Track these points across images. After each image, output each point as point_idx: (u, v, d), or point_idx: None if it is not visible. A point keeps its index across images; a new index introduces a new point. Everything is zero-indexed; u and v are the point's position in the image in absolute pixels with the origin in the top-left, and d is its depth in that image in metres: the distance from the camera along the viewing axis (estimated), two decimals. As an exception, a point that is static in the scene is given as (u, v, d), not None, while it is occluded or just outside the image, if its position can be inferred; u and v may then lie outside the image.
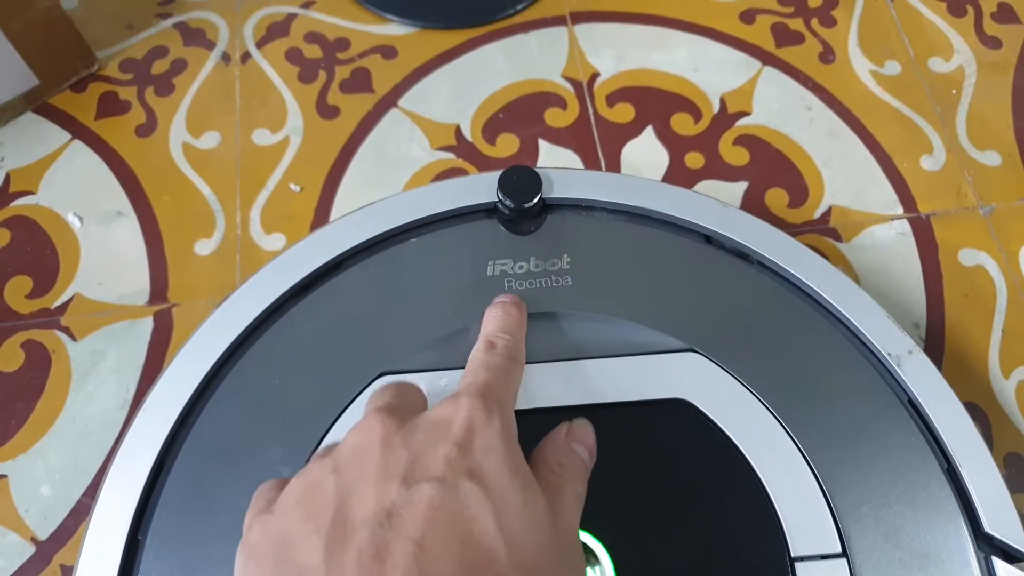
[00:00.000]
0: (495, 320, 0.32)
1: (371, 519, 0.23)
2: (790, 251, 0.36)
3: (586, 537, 0.30)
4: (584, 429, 0.31)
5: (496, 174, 0.36)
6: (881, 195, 0.47)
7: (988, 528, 0.31)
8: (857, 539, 0.31)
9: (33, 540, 0.38)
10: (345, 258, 0.36)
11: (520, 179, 0.36)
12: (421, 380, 0.32)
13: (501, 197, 0.36)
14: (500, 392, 0.28)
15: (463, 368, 0.31)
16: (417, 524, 0.23)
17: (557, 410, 0.33)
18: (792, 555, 0.30)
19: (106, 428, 0.40)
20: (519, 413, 0.29)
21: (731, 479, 0.32)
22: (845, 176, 0.47)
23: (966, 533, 0.31)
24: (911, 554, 0.30)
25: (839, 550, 0.30)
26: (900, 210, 0.46)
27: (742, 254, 0.36)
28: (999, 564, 0.30)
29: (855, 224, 0.46)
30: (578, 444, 0.31)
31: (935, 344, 0.43)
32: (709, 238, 0.37)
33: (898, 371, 0.34)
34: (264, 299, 0.35)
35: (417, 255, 0.36)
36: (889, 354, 0.34)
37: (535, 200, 0.36)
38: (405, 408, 0.27)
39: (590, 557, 0.30)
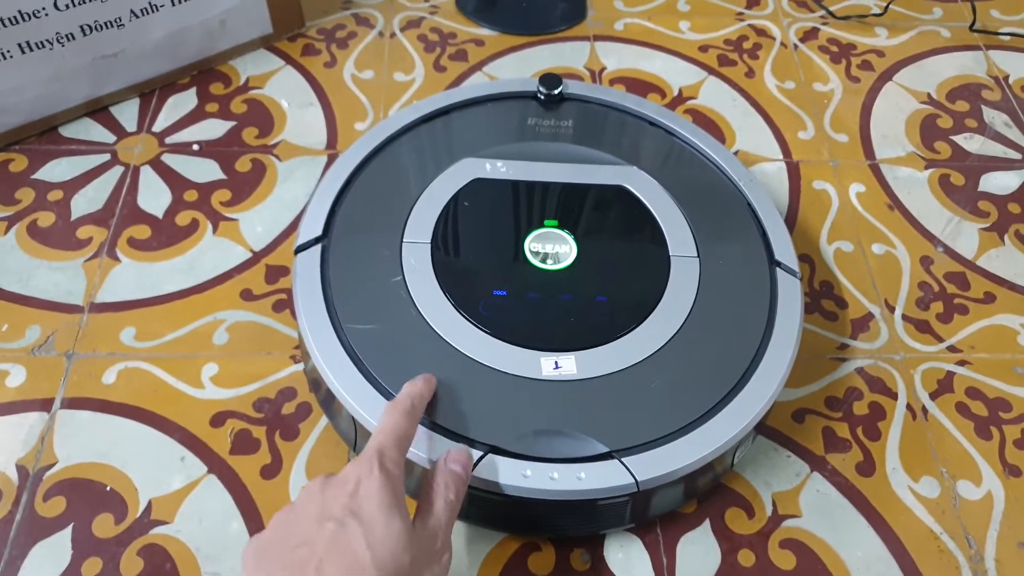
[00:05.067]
0: (405, 387, 0.47)
1: (298, 545, 0.39)
2: (701, 136, 0.66)
3: (563, 233, 0.58)
4: (459, 453, 0.46)
5: (537, 78, 0.67)
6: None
7: (778, 257, 0.58)
8: (705, 251, 0.58)
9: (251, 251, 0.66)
10: (453, 109, 0.66)
11: (551, 79, 0.67)
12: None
13: (540, 87, 0.66)
14: (387, 449, 0.42)
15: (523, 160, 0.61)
16: (324, 552, 0.38)
17: (558, 184, 0.61)
18: (670, 254, 0.58)
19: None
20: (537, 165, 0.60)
21: (642, 222, 0.60)
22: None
23: (766, 258, 0.59)
24: (736, 262, 0.58)
25: (695, 254, 0.58)
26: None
27: (669, 131, 0.66)
28: (779, 272, 0.58)
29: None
30: (455, 464, 0.45)
31: (789, 223, 0.71)
32: (653, 123, 0.67)
33: (744, 189, 0.62)
34: (396, 126, 0.65)
35: (495, 109, 0.66)
36: (741, 180, 0.63)
37: (558, 90, 0.66)
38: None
39: (564, 245, 0.58)
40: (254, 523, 0.52)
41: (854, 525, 0.54)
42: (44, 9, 0.65)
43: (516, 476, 0.47)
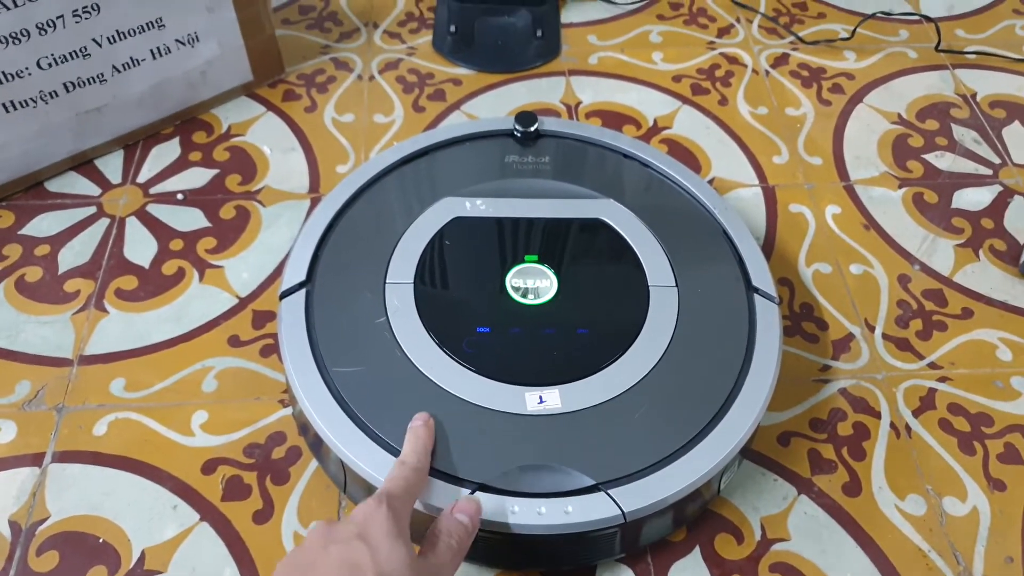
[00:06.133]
0: (408, 443, 0.48)
1: (305, 570, 0.40)
2: (675, 167, 0.67)
3: (543, 267, 0.59)
4: (467, 502, 0.47)
5: (514, 116, 0.69)
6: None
7: (755, 283, 0.59)
8: (683, 280, 0.59)
9: (237, 297, 0.67)
10: (432, 149, 0.68)
11: (527, 117, 0.68)
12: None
13: (516, 125, 0.68)
14: (395, 493, 0.44)
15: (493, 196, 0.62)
16: (329, 567, 0.39)
17: (536, 219, 0.62)
18: (649, 283, 0.59)
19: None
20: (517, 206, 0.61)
21: (620, 253, 0.61)
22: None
23: (743, 284, 0.60)
24: (714, 289, 0.59)
25: (674, 284, 0.59)
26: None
27: (644, 163, 0.67)
28: (757, 298, 0.59)
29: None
30: (461, 514, 0.46)
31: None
32: (628, 155, 0.68)
33: (720, 217, 0.64)
34: (376, 168, 0.66)
35: (473, 148, 0.68)
36: (716, 208, 0.64)
37: (534, 127, 0.68)
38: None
39: (546, 280, 0.59)
40: (247, 569, 0.52)
41: (842, 546, 0.55)
42: (27, 69, 0.66)
43: (504, 513, 0.48)
